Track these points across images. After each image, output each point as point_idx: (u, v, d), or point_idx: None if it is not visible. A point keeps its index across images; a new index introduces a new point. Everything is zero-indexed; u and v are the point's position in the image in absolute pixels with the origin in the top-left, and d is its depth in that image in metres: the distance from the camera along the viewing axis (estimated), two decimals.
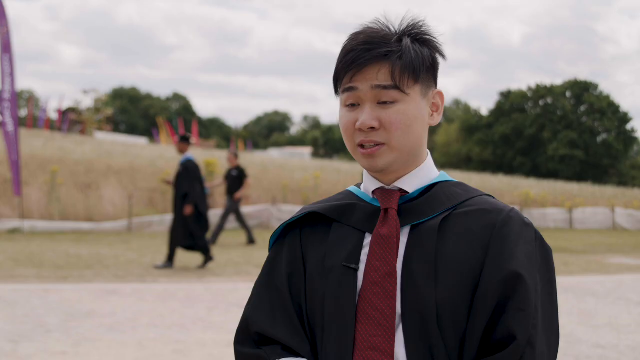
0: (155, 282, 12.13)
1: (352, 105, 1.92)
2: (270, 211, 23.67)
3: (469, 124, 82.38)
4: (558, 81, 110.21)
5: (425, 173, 2.00)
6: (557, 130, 75.98)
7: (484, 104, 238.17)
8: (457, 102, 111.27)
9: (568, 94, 79.20)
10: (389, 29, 1.94)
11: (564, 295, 12.10)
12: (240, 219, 18.83)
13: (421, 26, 1.96)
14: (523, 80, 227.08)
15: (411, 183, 1.98)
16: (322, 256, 1.97)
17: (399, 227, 1.92)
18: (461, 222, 1.90)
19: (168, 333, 8.46)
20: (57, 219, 20.61)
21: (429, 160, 2.02)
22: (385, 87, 1.87)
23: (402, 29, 1.94)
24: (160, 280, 12.32)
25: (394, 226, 1.92)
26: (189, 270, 13.63)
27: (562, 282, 13.75)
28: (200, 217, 13.85)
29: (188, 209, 13.55)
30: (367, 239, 1.95)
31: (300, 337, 1.94)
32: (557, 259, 17.59)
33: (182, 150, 14.00)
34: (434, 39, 1.97)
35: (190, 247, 13.92)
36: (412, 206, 1.95)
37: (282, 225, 2.09)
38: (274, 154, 65.28)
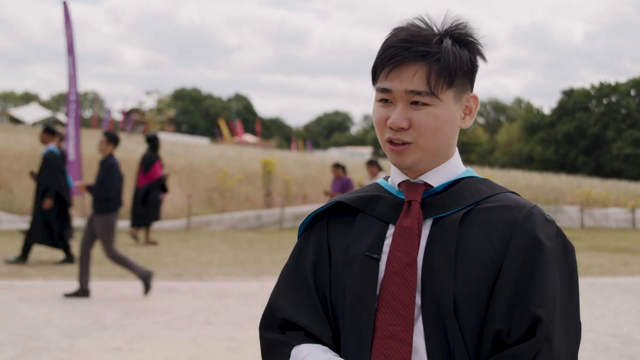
0: (211, 280, 12.25)
1: (386, 101, 1.95)
2: None
3: (531, 123, 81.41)
4: (622, 79, 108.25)
5: (451, 169, 2.02)
6: (621, 129, 74.67)
7: (546, 103, 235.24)
8: (518, 101, 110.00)
9: (632, 92, 77.76)
10: (431, 28, 1.95)
11: (623, 296, 11.93)
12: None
13: (464, 27, 1.96)
14: (586, 79, 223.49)
15: (436, 178, 2.00)
16: (347, 245, 2.01)
17: (422, 219, 1.95)
18: (483, 217, 1.92)
19: (222, 330, 8.55)
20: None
21: (456, 157, 2.04)
22: (419, 93, 1.89)
23: (444, 29, 1.95)
24: (216, 279, 12.44)
25: (416, 218, 1.95)
26: (245, 268, 13.74)
27: (622, 283, 13.55)
28: (63, 213, 13.46)
29: (47, 202, 13.14)
30: (390, 230, 1.98)
31: (322, 323, 1.99)
32: (618, 259, 17.33)
33: (44, 142, 13.64)
34: (475, 41, 1.98)
35: (50, 244, 13.50)
36: (435, 200, 1.98)
37: (310, 215, 2.14)
38: (334, 154, 65.34)
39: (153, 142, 16.20)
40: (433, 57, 1.89)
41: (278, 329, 2.04)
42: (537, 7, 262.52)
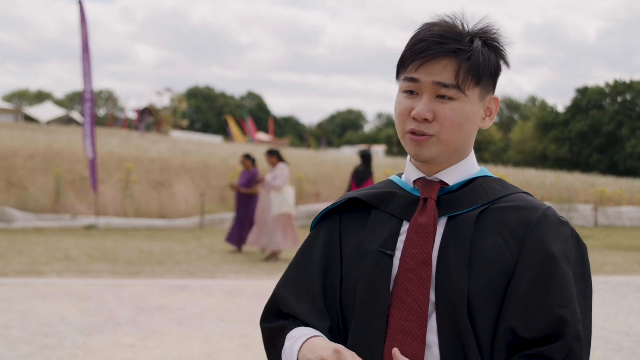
0: (224, 279, 12.29)
1: (411, 93, 1.96)
2: None
3: (545, 121, 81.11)
4: (637, 77, 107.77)
5: (466, 167, 2.04)
6: (636, 127, 74.29)
7: (560, 101, 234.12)
8: (532, 99, 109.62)
9: None
10: (463, 27, 1.98)
11: (636, 295, 11.92)
12: None
13: (494, 32, 2.00)
14: (600, 77, 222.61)
15: (452, 176, 2.02)
16: (360, 241, 2.03)
17: (437, 217, 1.96)
18: (498, 217, 1.94)
19: (234, 328, 8.58)
20: (131, 216, 21.00)
21: (472, 157, 2.06)
22: (446, 86, 1.91)
23: (475, 30, 1.98)
24: (229, 277, 12.48)
25: (432, 216, 1.96)
26: (258, 267, 13.77)
27: (635, 281, 13.53)
28: None
29: None
30: (405, 227, 1.99)
31: (321, 316, 2.00)
32: (632, 258, 17.28)
33: None
34: (502, 48, 2.01)
35: None
36: (451, 198, 1.99)
37: (324, 211, 2.15)
38: (347, 152, 65.29)
39: (367, 158, 16.91)
40: (464, 55, 1.92)
41: (281, 317, 2.07)
42: (550, 5, 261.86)
